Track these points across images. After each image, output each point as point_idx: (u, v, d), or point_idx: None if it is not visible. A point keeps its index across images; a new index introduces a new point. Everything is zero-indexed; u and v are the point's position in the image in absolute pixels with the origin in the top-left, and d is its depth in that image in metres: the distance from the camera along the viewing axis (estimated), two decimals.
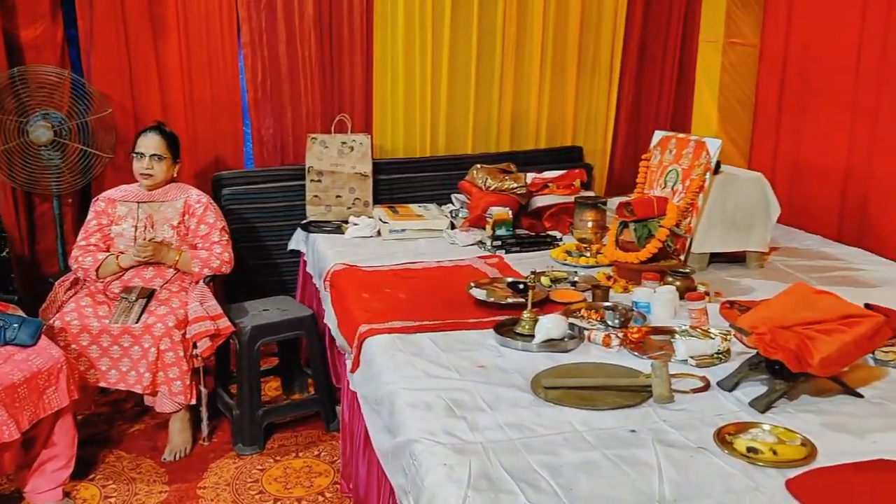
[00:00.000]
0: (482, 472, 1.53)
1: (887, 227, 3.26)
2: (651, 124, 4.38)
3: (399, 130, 3.99)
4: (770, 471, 1.53)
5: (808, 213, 3.60)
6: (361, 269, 2.91)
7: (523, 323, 2.25)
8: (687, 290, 2.50)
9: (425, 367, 2.03)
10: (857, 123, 3.38)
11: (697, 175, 2.77)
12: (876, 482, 1.47)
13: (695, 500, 1.44)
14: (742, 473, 1.53)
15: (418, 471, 1.59)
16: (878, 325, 1.78)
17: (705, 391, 1.89)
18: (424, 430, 1.70)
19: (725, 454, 1.59)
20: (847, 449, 1.61)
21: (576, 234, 3.10)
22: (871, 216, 3.33)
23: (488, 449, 1.62)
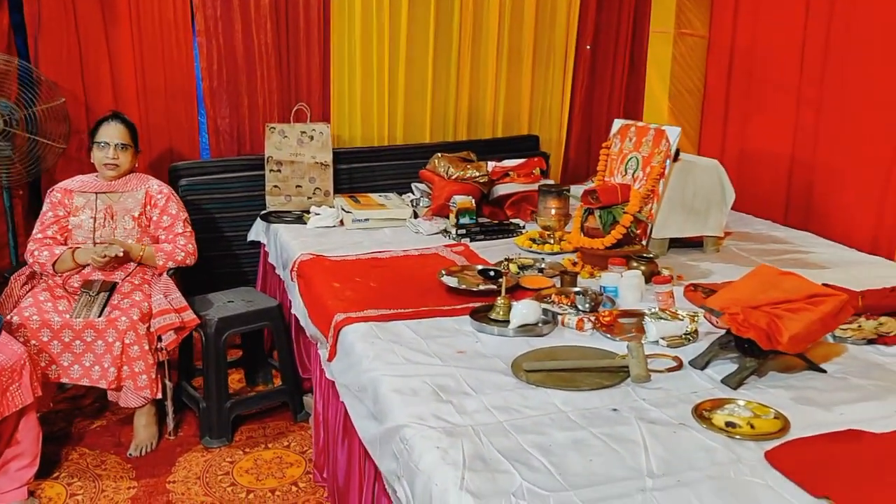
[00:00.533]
0: (476, 453, 1.57)
1: (831, 212, 3.41)
2: (604, 114, 4.49)
3: (357, 119, 3.97)
4: (749, 443, 1.60)
5: (756, 198, 3.74)
6: (328, 259, 2.90)
7: (498, 309, 2.29)
8: (651, 274, 2.58)
9: (406, 353, 2.05)
10: (802, 114, 3.52)
11: (658, 162, 2.84)
12: (849, 451, 1.55)
13: (683, 474, 1.50)
14: (723, 447, 1.60)
15: (411, 455, 1.61)
16: (842, 304, 1.87)
17: (679, 370, 1.96)
18: (413, 415, 1.72)
19: (705, 429, 1.66)
20: (817, 421, 1.69)
21: (539, 221, 3.15)
22: (816, 202, 3.48)
23: (479, 431, 1.65)
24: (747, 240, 3.23)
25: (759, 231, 3.38)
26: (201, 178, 3.64)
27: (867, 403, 1.78)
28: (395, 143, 4.04)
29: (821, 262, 2.89)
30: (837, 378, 1.92)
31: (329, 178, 3.66)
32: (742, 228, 3.41)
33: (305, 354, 3.22)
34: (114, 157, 3.01)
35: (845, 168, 3.31)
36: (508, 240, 3.21)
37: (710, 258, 2.98)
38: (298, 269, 2.86)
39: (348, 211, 3.40)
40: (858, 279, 2.57)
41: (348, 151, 3.89)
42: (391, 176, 3.90)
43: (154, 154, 3.73)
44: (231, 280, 3.64)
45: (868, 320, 2.15)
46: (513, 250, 3.04)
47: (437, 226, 3.33)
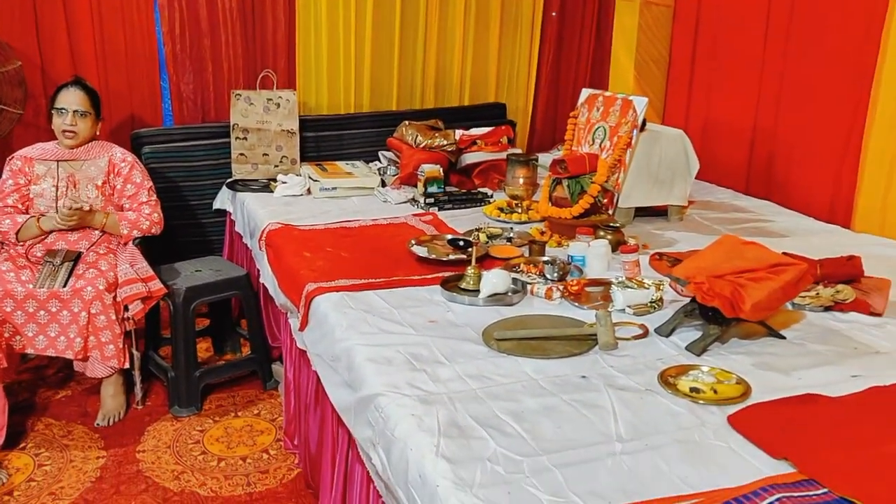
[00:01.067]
0: (450, 420, 1.61)
1: (791, 182, 3.49)
2: (570, 82, 4.51)
3: (323, 87, 3.94)
4: (712, 408, 1.67)
5: (719, 168, 3.81)
6: (297, 228, 2.90)
7: (468, 279, 2.32)
8: (618, 243, 2.63)
9: (379, 323, 2.08)
10: (765, 85, 3.58)
11: (625, 132, 2.88)
12: (806, 413, 1.63)
13: (650, 437, 1.56)
14: (688, 412, 1.66)
15: (386, 423, 1.65)
16: (802, 272, 1.94)
17: (645, 338, 2.02)
18: (388, 384, 1.75)
19: (671, 395, 1.72)
20: (777, 386, 1.77)
21: (508, 190, 3.18)
22: (777, 172, 3.56)
23: (453, 399, 1.69)
24: (710, 209, 3.31)
25: (722, 200, 3.45)
26: (165, 146, 3.59)
27: (824, 368, 1.86)
28: (361, 111, 4.02)
29: (781, 231, 2.97)
30: (796, 344, 1.99)
31: (296, 146, 3.64)
32: (705, 198, 3.48)
33: (274, 323, 3.22)
34: (72, 123, 2.94)
35: (804, 139, 3.39)
36: (477, 209, 3.23)
37: (674, 227, 3.04)
38: (267, 239, 2.86)
39: (315, 179, 3.39)
40: (817, 247, 2.65)
41: (315, 119, 3.86)
42: (358, 144, 3.89)
43: (115, 121, 3.65)
44: (197, 249, 3.62)
45: (826, 288, 2.23)
46: (481, 219, 3.07)
47: (406, 195, 3.34)
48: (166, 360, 3.14)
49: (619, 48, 4.32)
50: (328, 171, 3.54)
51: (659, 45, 4.22)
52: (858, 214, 3.09)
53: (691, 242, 2.78)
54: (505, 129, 3.75)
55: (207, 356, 3.41)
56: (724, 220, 3.13)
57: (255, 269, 3.15)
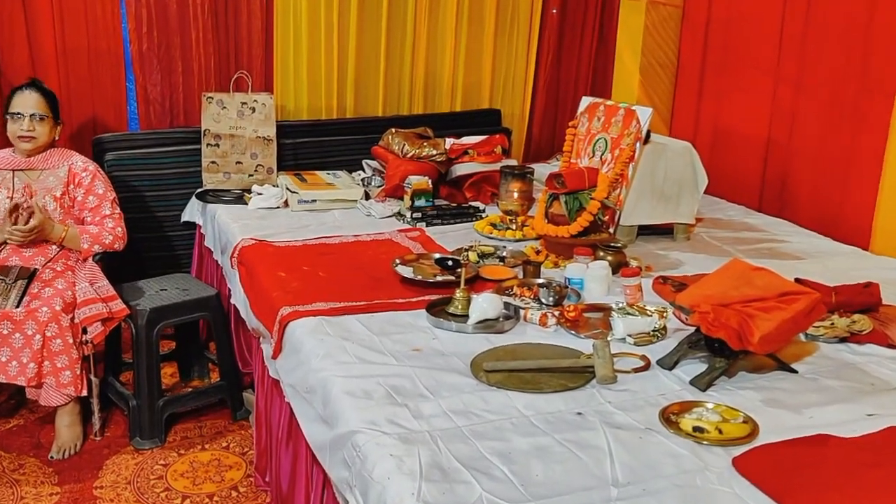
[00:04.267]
0: (433, 461, 1.61)
1: (805, 198, 3.52)
2: (571, 87, 4.54)
3: (303, 90, 3.96)
4: (716, 449, 1.68)
5: (729, 182, 3.83)
6: (273, 245, 2.91)
7: (456, 302, 2.33)
8: (619, 265, 2.65)
9: (358, 351, 2.08)
10: (780, 93, 3.61)
11: (627, 144, 2.90)
12: (817, 457, 1.64)
13: (649, 482, 1.57)
14: (690, 453, 1.67)
15: (364, 463, 1.65)
16: (815, 302, 1.96)
17: (646, 370, 2.03)
18: (366, 420, 1.75)
19: (672, 434, 1.73)
20: (786, 424, 1.78)
21: (501, 205, 3.20)
22: (791, 187, 3.59)
23: (436, 437, 1.70)
24: (719, 227, 3.33)
25: (732, 217, 3.48)
26: (129, 153, 3.59)
27: (838, 406, 1.87)
28: (344, 117, 4.04)
29: (794, 253, 3.00)
30: (808, 379, 2.01)
31: (272, 154, 3.65)
32: (714, 214, 3.50)
33: (245, 347, 3.23)
34: (29, 128, 2.95)
35: (821, 152, 3.42)
36: (468, 224, 3.25)
37: (680, 247, 3.06)
38: (240, 256, 2.86)
39: (294, 191, 3.40)
40: (833, 271, 2.68)
41: (294, 125, 3.87)
42: (341, 152, 3.90)
43: (75, 125, 3.66)
44: (163, 265, 3.62)
45: (841, 318, 2.25)
46: (472, 236, 3.09)
47: (391, 208, 3.35)
48: (127, 387, 3.14)
49: (623, 50, 4.36)
50: (307, 181, 3.55)
51: (666, 49, 4.25)
52: (877, 235, 3.11)
53: (698, 264, 2.79)
54: (499, 138, 3.77)
55: (172, 383, 3.40)
56: (735, 239, 3.15)
57: (225, 288, 3.15)
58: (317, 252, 2.84)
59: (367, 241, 2.99)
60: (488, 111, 4.34)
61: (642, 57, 4.23)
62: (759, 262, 2.44)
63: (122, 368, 3.31)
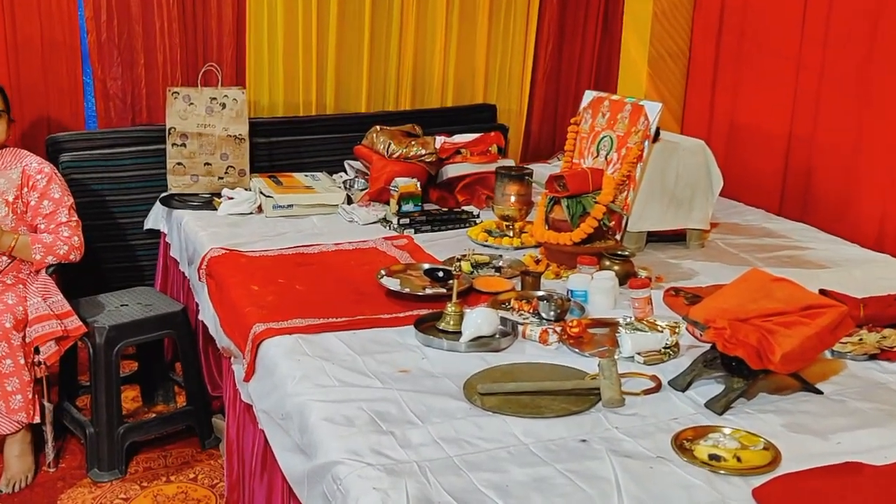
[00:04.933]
0: (421, 496, 1.60)
1: (831, 201, 3.53)
2: (573, 80, 4.56)
3: (278, 84, 3.97)
4: (734, 479, 1.68)
5: (747, 184, 3.85)
6: (245, 255, 2.90)
7: (447, 318, 2.33)
8: (627, 275, 2.65)
9: (339, 373, 2.08)
10: (802, 83, 3.63)
11: (635, 143, 2.91)
12: (845, 487, 1.64)
13: None
14: (706, 483, 1.67)
15: (345, 498, 1.64)
16: (841, 317, 1.96)
17: (657, 392, 2.03)
18: (348, 450, 1.75)
19: (686, 463, 1.73)
20: (811, 451, 1.78)
21: (496, 210, 3.20)
22: (816, 189, 3.60)
23: (425, 468, 1.69)
24: (736, 233, 3.34)
25: (750, 222, 3.49)
26: (87, 153, 3.59)
27: (867, 430, 1.87)
28: (324, 113, 4.04)
29: (819, 261, 3.00)
30: (835, 400, 2.01)
31: (245, 155, 3.64)
32: (731, 219, 3.51)
33: (215, 368, 3.22)
34: None
35: (848, 149, 3.43)
36: (460, 231, 3.25)
37: (693, 255, 3.07)
38: (209, 268, 2.86)
39: (268, 195, 3.40)
40: (860, 282, 2.68)
41: (268, 122, 3.88)
42: (320, 152, 3.91)
43: (27, 123, 3.65)
44: (125, 278, 3.61)
45: (870, 332, 2.25)
46: (465, 244, 3.08)
47: (376, 213, 3.36)
48: (84, 412, 3.12)
49: (629, 39, 4.37)
50: (283, 184, 3.55)
51: (676, 37, 4.27)
52: None
53: (714, 274, 2.80)
54: (494, 135, 3.77)
55: (134, 408, 3.39)
56: (753, 246, 3.16)
57: (193, 303, 3.14)
58: (294, 263, 2.84)
59: (350, 250, 3.00)
60: (482, 107, 4.35)
61: (650, 46, 4.25)
62: (781, 271, 2.45)
63: (78, 392, 3.29)
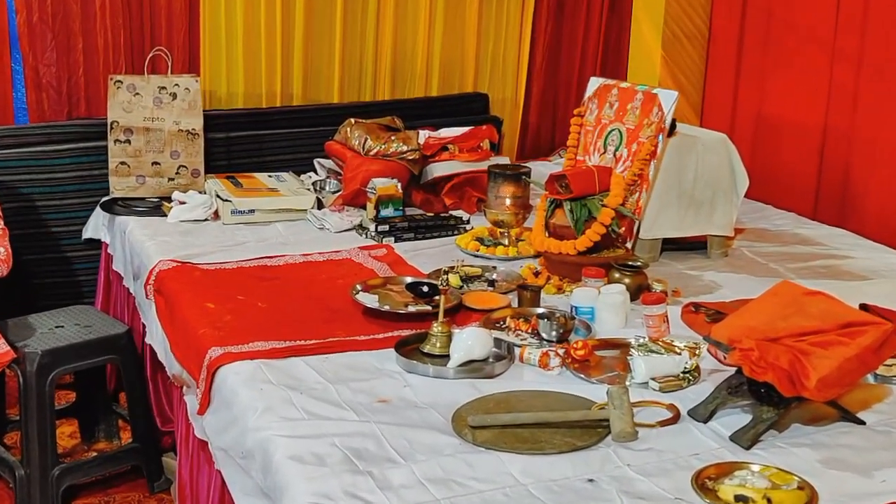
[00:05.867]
0: None
1: (872, 203, 3.55)
2: (576, 66, 4.58)
3: (238, 72, 3.97)
4: None
5: (777, 183, 3.87)
6: (199, 268, 2.90)
7: (433, 339, 2.32)
8: (639, 289, 2.65)
9: (308, 404, 2.07)
10: (838, 71, 3.64)
11: (647, 137, 2.92)
12: None
13: None
14: None
15: None
16: (886, 335, 1.95)
17: (675, 423, 2.03)
18: (318, 494, 1.73)
19: None
20: (852, 491, 1.77)
21: (489, 214, 3.20)
22: (854, 189, 3.62)
23: None
24: (764, 240, 3.35)
25: (781, 228, 3.49)
26: (16, 152, 3.58)
27: None
28: (291, 105, 4.05)
29: (859, 272, 3.01)
30: (879, 432, 2.01)
31: (199, 153, 3.64)
32: (758, 224, 3.52)
33: (165, 399, 3.21)
34: None
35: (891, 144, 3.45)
36: (448, 239, 3.26)
37: (716, 265, 3.07)
38: (157, 283, 2.85)
39: (226, 199, 3.40)
40: None
41: (226, 115, 3.88)
42: (286, 149, 3.91)
43: None
44: (60, 295, 3.60)
45: None
46: (453, 254, 3.08)
47: (350, 219, 3.35)
48: (13, 451, 3.10)
49: (641, 18, 4.40)
50: (244, 186, 3.55)
51: (695, 17, 4.29)
52: None
53: (738, 288, 2.80)
54: (486, 129, 3.77)
55: (72, 446, 3.37)
56: (784, 255, 3.17)
57: (139, 324, 3.13)
58: (256, 277, 2.84)
59: (321, 261, 3.00)
60: (473, 96, 4.36)
61: (665, 27, 4.27)
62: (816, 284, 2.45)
63: (6, 428, 3.27)
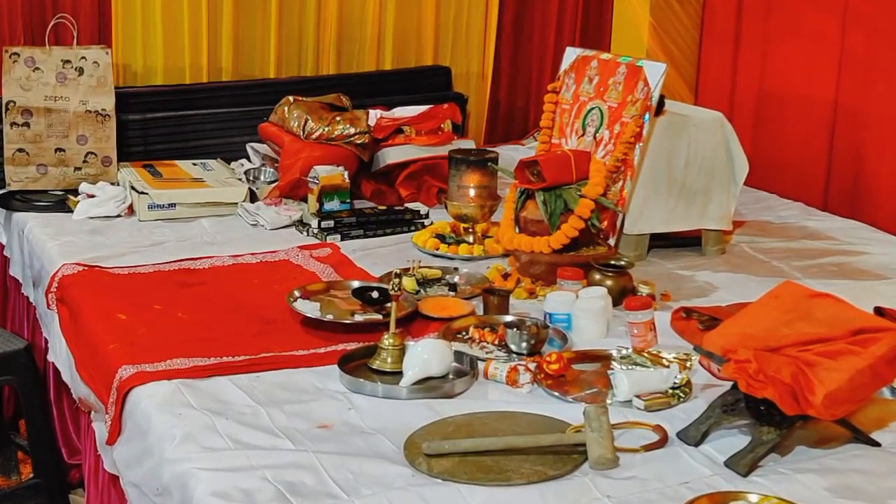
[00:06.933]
0: None
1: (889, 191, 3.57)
2: (551, 33, 4.57)
3: (156, 42, 3.96)
4: None
5: (781, 168, 3.89)
6: (110, 273, 2.89)
7: (384, 354, 2.32)
8: (623, 292, 2.66)
9: (235, 432, 2.05)
10: (850, 37, 3.66)
11: (632, 117, 2.92)
12: None
13: None
14: None
15: None
16: None
17: (662, 447, 2.03)
18: None
19: None
20: None
21: (451, 207, 3.21)
22: (868, 175, 3.64)
23: None
24: (767, 234, 3.38)
25: (786, 220, 3.53)
26: None
27: None
28: (219, 80, 4.04)
29: (874, 269, 3.04)
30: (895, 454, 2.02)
31: (111, 137, 3.62)
32: (760, 216, 3.56)
33: (72, 427, 3.19)
34: None
35: None
36: (403, 237, 3.27)
37: (711, 264, 3.09)
38: (60, 290, 2.84)
39: (143, 191, 3.38)
40: None
41: (142, 93, 3.87)
42: (213, 133, 3.91)
43: None
44: None
45: None
46: (409, 254, 3.09)
47: (289, 214, 3.36)
48: None
49: None
50: (163, 176, 3.53)
51: None
52: None
53: (737, 290, 2.83)
54: (448, 108, 3.78)
55: None
56: (789, 252, 3.20)
57: (40, 339, 3.12)
58: (176, 282, 2.84)
59: (253, 264, 2.99)
60: (432, 70, 4.37)
61: None
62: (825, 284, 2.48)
63: None
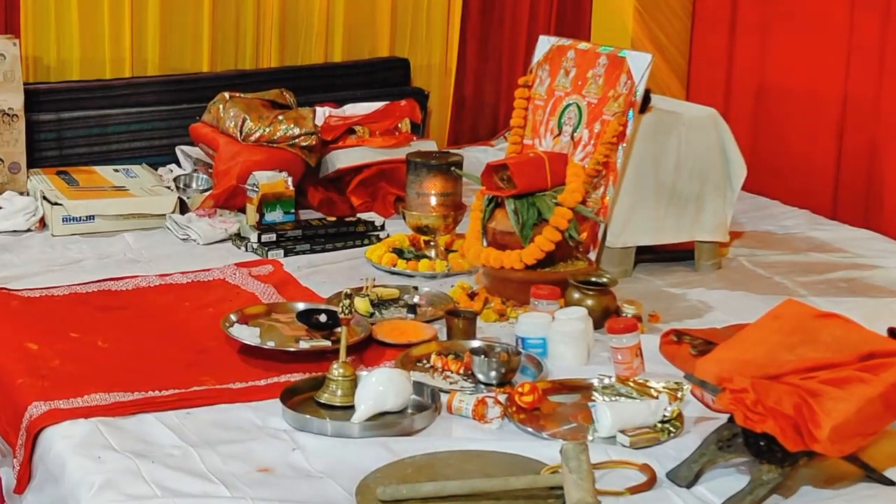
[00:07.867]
0: None
1: None
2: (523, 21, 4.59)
3: (71, 32, 3.98)
4: None
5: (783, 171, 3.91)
6: (18, 296, 2.89)
7: (333, 386, 2.32)
8: (605, 313, 2.66)
9: (163, 477, 2.05)
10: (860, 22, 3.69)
11: (614, 114, 2.93)
12: None
13: None
14: None
15: None
16: None
17: (649, 489, 2.03)
18: None
19: None
20: None
21: (410, 218, 3.21)
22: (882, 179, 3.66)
23: None
24: (768, 246, 3.39)
25: (789, 231, 3.55)
26: None
27: None
28: (144, 75, 4.06)
29: (891, 286, 3.06)
30: None
31: (19, 140, 3.61)
32: (760, 226, 3.58)
33: None
34: None
35: None
36: (356, 251, 3.28)
37: (704, 281, 3.11)
38: None
39: (56, 202, 3.38)
40: None
41: (56, 90, 3.88)
42: (138, 134, 3.93)
43: None
44: None
45: None
46: (362, 271, 3.09)
47: (225, 227, 3.36)
48: None
49: None
50: (80, 185, 3.54)
51: None
52: None
53: (734, 310, 2.84)
54: (406, 105, 3.79)
55: None
56: (793, 266, 3.21)
57: None
58: (95, 306, 2.83)
59: (183, 284, 3.00)
60: (388, 62, 4.40)
61: None
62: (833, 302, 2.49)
63: None
